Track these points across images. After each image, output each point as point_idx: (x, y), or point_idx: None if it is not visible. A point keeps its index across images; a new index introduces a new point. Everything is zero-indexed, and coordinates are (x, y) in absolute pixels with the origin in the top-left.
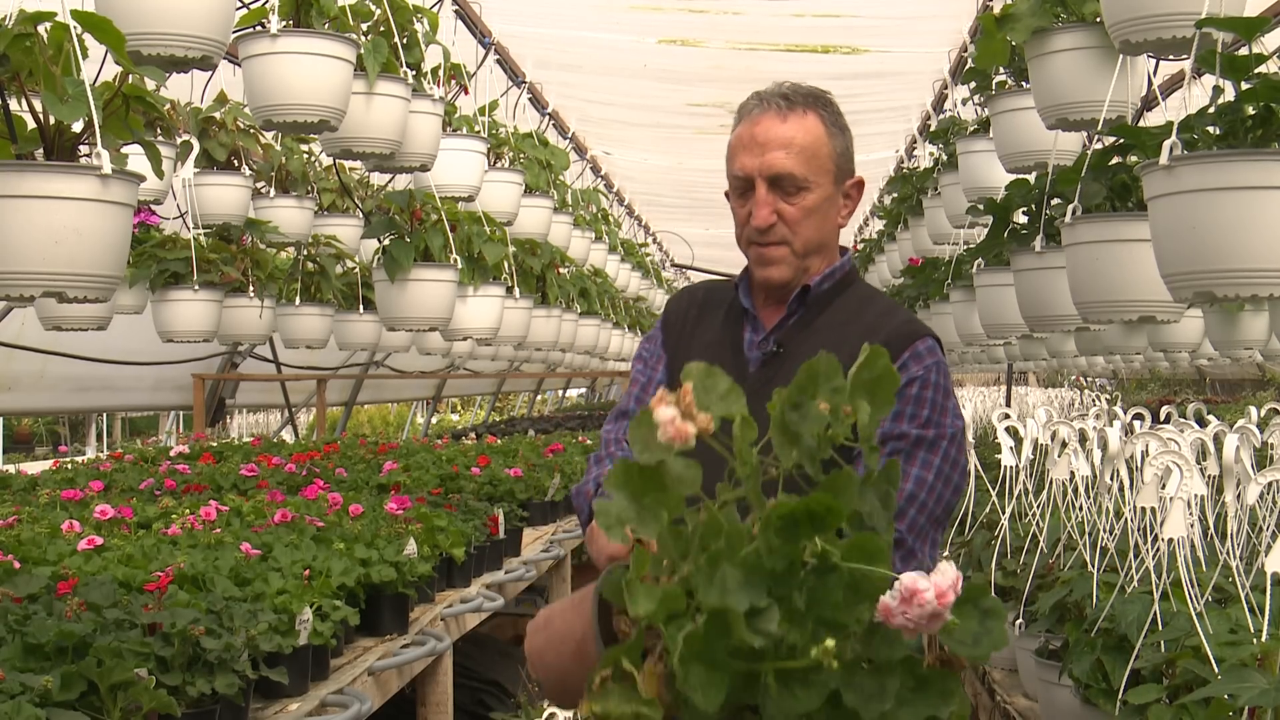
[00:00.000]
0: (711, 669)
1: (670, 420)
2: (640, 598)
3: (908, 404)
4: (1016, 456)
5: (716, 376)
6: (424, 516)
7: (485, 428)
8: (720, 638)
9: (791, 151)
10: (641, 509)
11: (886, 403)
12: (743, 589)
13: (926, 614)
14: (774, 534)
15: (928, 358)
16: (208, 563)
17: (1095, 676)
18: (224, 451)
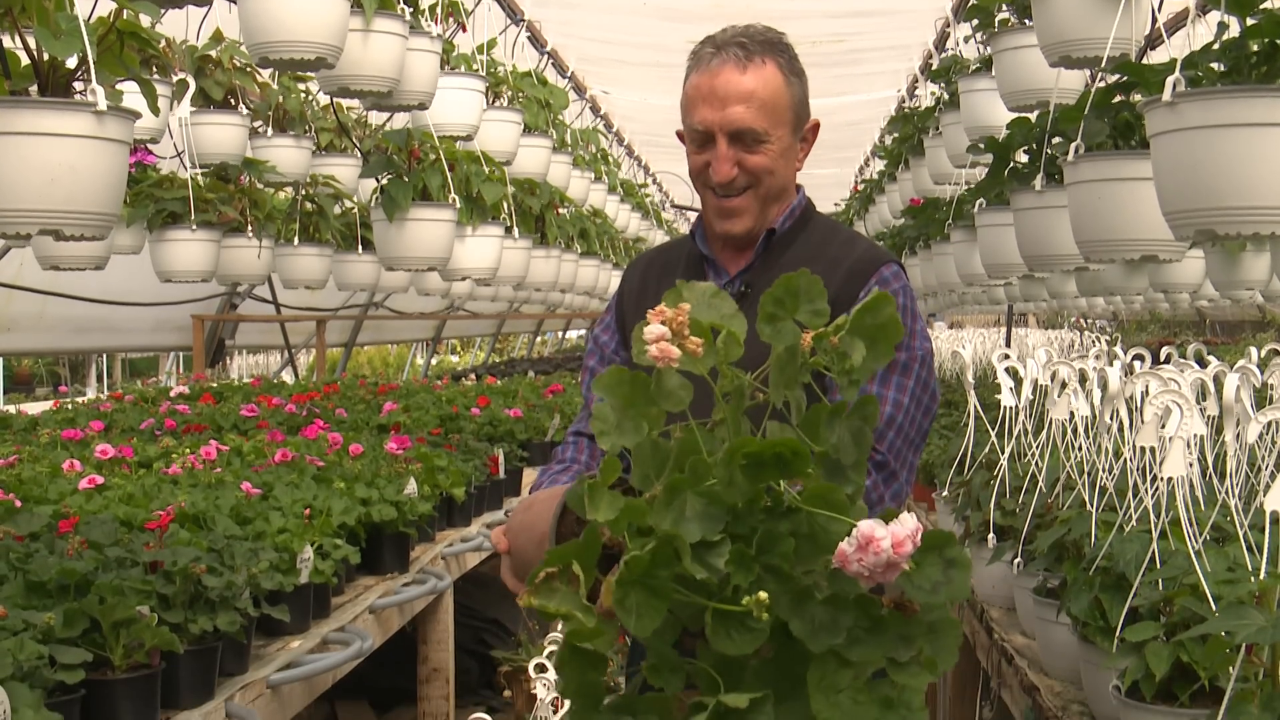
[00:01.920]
0: (651, 595)
1: (658, 338)
2: (602, 505)
3: None
4: (1016, 397)
5: (720, 297)
6: (424, 456)
7: (485, 369)
8: (666, 565)
9: (752, 105)
10: (624, 417)
11: (886, 353)
12: (699, 519)
13: (882, 562)
14: (738, 470)
15: (894, 283)
16: (208, 502)
17: (1093, 614)
18: (224, 392)
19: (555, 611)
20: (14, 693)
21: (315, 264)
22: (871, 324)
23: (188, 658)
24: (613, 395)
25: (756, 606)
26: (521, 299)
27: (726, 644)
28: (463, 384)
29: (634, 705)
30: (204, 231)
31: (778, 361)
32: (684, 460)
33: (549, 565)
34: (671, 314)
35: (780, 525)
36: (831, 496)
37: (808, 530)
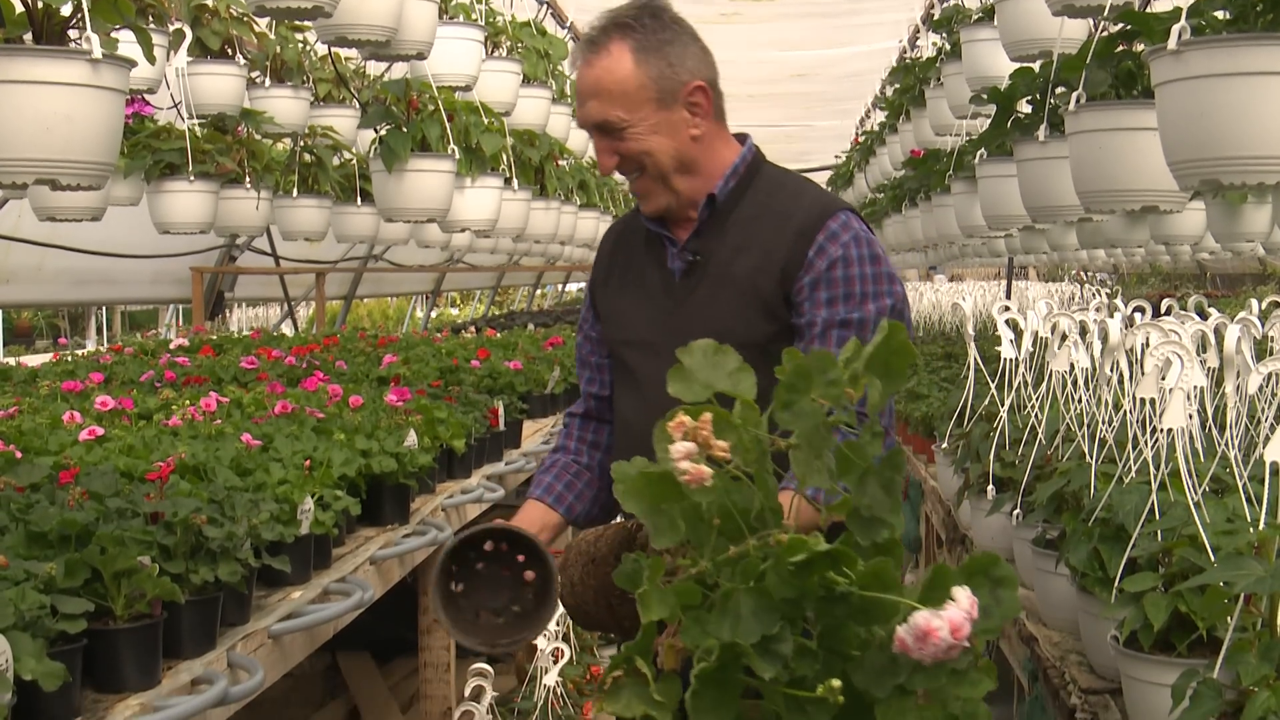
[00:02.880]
0: (721, 694)
1: (685, 456)
2: (653, 605)
3: (835, 287)
4: (1016, 349)
5: (724, 354)
6: (424, 408)
7: (485, 321)
8: (732, 665)
9: (602, 98)
10: (657, 519)
11: (900, 377)
12: (754, 618)
13: (942, 649)
14: (787, 573)
15: (843, 234)
16: (209, 453)
17: (1092, 565)
18: (223, 344)
19: (633, 714)
20: (16, 642)
21: (314, 216)
22: (885, 354)
23: (189, 608)
24: (640, 500)
25: (830, 693)
26: (521, 251)
27: (803, 718)
28: (462, 336)
29: None
30: (202, 183)
31: (805, 440)
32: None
33: (614, 669)
34: (693, 425)
35: (836, 610)
36: (884, 574)
37: (861, 605)
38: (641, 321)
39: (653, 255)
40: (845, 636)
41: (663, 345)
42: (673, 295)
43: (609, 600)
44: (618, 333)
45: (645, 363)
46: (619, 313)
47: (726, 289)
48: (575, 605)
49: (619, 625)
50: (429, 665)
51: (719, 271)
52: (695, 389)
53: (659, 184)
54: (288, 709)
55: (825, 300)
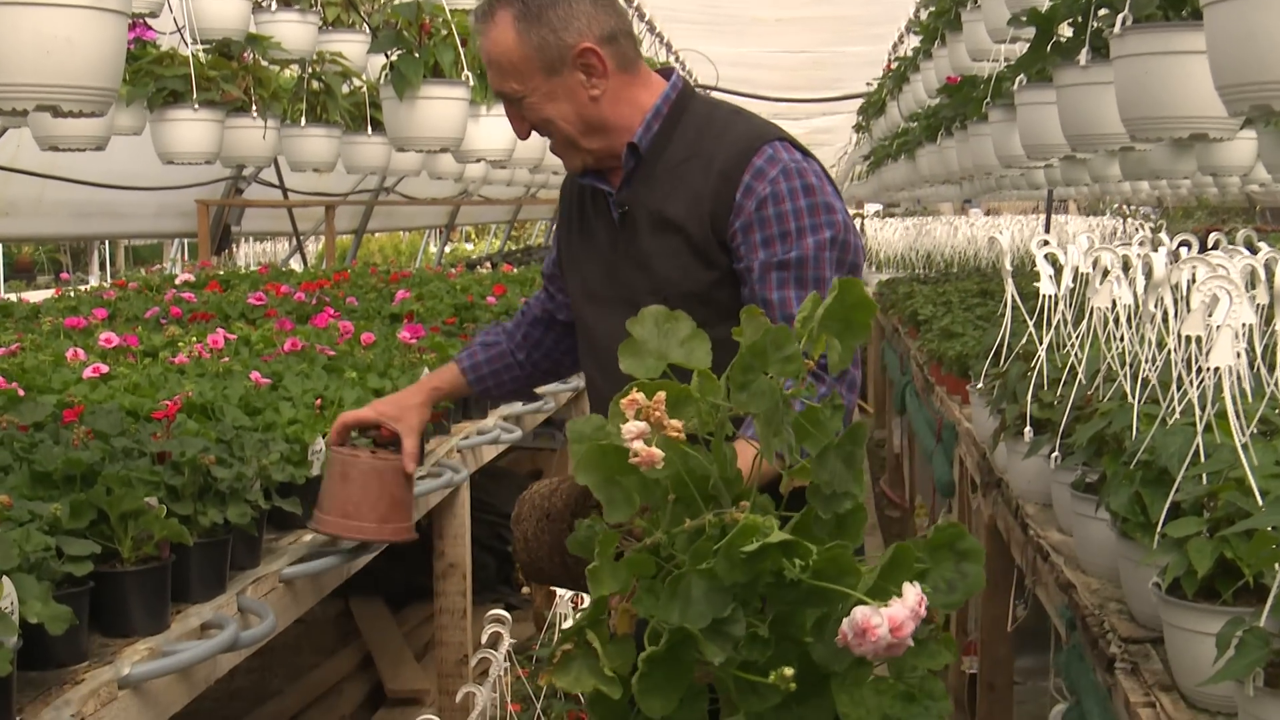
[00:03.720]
0: (671, 677)
1: (637, 436)
2: (605, 580)
3: (769, 227)
4: (1055, 285)
5: (675, 321)
6: (438, 346)
7: (501, 257)
8: (683, 649)
9: (494, 69)
10: (611, 493)
11: (862, 331)
12: (705, 601)
13: (882, 646)
14: (739, 560)
15: (770, 169)
16: (216, 392)
17: (1133, 510)
18: (230, 280)
19: (584, 687)
20: (21, 584)
21: (323, 145)
22: (842, 310)
23: (198, 550)
24: (594, 473)
25: (782, 681)
26: (538, 183)
27: (754, 701)
28: (478, 272)
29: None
30: (206, 111)
31: (764, 419)
32: (685, 505)
33: (563, 642)
34: (646, 404)
35: (788, 595)
36: (839, 561)
37: (814, 591)
38: (594, 275)
39: (599, 204)
40: (798, 622)
41: (612, 299)
42: (616, 248)
43: (563, 557)
44: (574, 286)
45: (599, 318)
46: (576, 264)
47: (662, 238)
48: (529, 561)
49: (574, 581)
50: (444, 611)
51: (652, 221)
52: (648, 363)
53: (569, 148)
54: (299, 655)
55: (760, 242)
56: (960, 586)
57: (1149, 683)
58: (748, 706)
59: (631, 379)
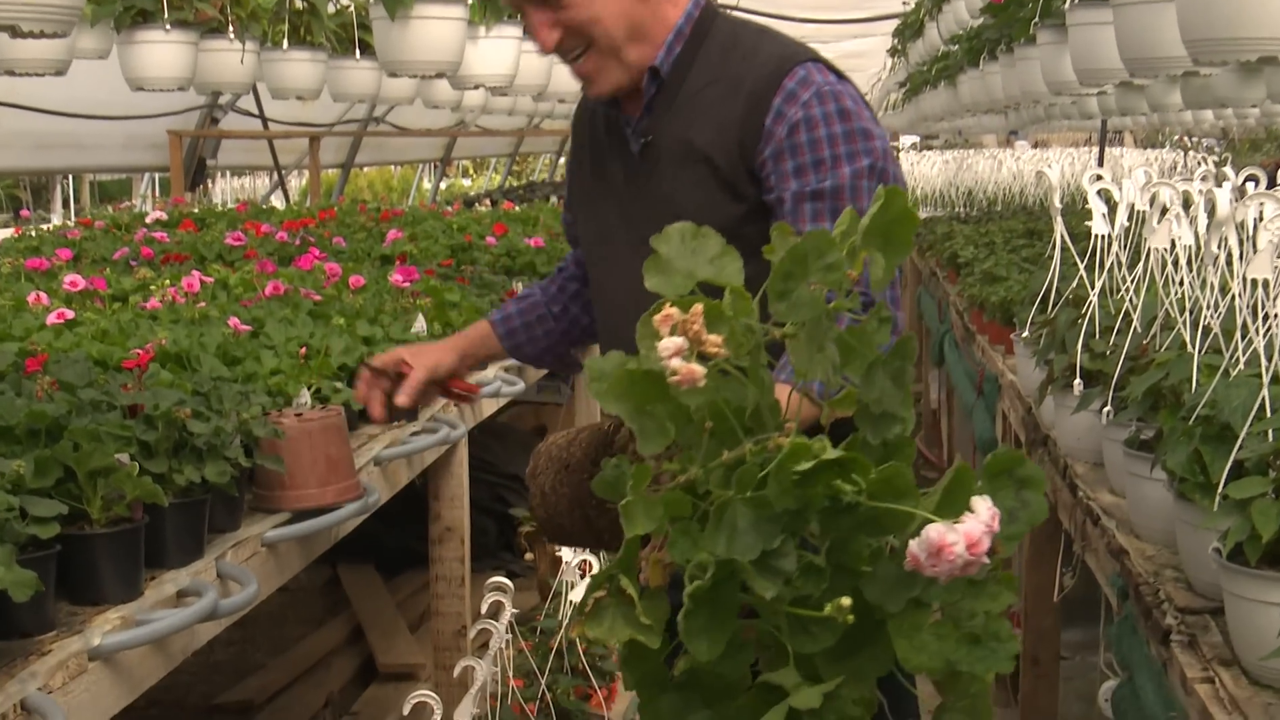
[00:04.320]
0: (717, 616)
1: (675, 353)
2: (638, 517)
3: (801, 155)
4: (1109, 224)
5: (705, 238)
6: (433, 290)
7: (501, 193)
8: (728, 584)
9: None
10: (644, 423)
11: (904, 247)
12: (754, 532)
13: (957, 566)
14: (790, 483)
15: (803, 91)
16: (192, 339)
17: (1192, 469)
18: (206, 218)
19: (615, 639)
20: None
21: (307, 71)
22: (884, 221)
23: (173, 512)
24: (623, 400)
25: (839, 612)
26: (543, 112)
27: (807, 642)
28: (476, 210)
29: (701, 684)
30: (179, 33)
31: (805, 333)
32: (721, 438)
33: (595, 589)
34: (683, 318)
35: (844, 521)
36: (897, 481)
37: (872, 515)
38: (608, 216)
39: (614, 138)
40: (854, 550)
41: (630, 240)
42: (634, 182)
43: (585, 511)
44: (587, 229)
45: (613, 264)
46: (588, 206)
47: (686, 170)
48: (547, 517)
49: (597, 538)
50: (441, 579)
51: (676, 151)
52: (675, 280)
53: (610, 59)
54: (284, 626)
55: (792, 171)
56: (1022, 516)
57: (1208, 657)
58: (800, 647)
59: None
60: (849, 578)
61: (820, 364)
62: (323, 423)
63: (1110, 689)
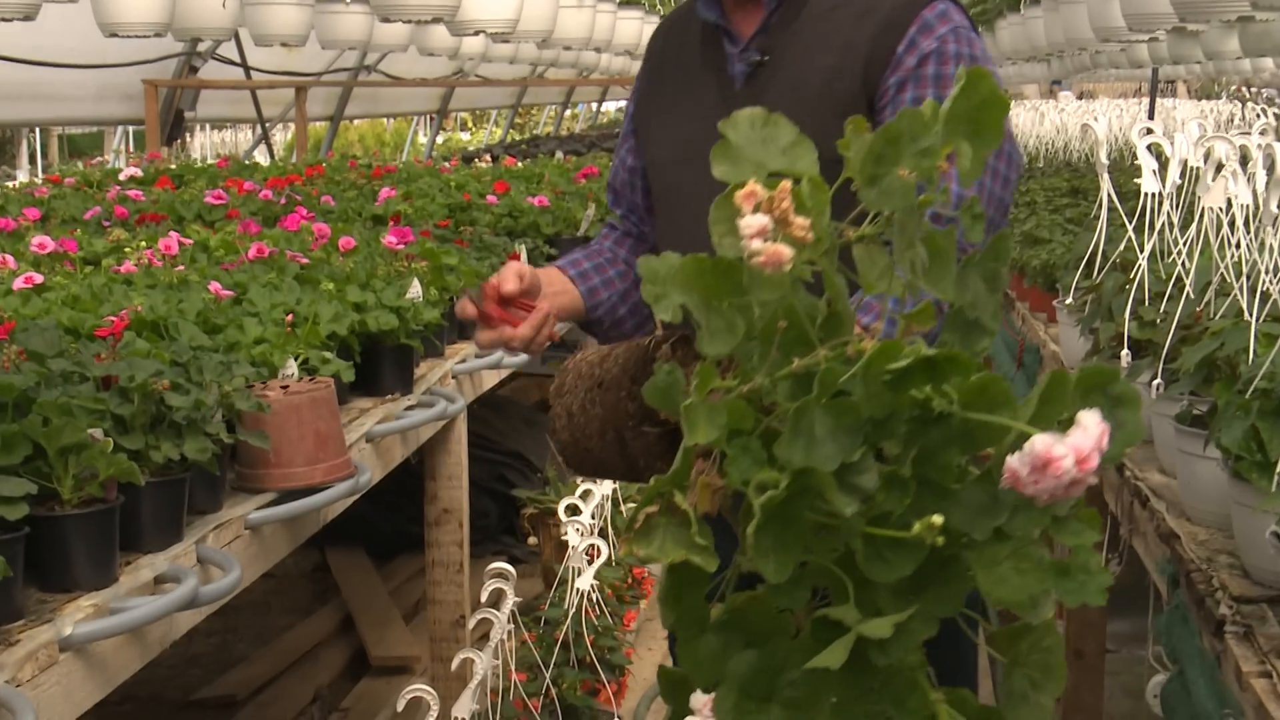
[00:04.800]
0: (787, 534)
1: (759, 232)
2: (701, 424)
3: (926, 87)
4: (1160, 181)
5: (776, 126)
6: (430, 253)
7: (503, 148)
8: (799, 503)
9: None
10: (711, 317)
11: (994, 135)
12: (833, 440)
13: (1063, 484)
14: (879, 385)
15: (940, 25)
16: (170, 306)
17: (1248, 447)
18: (184, 175)
19: (665, 559)
20: None
21: (293, 15)
22: (968, 106)
23: (151, 491)
24: (691, 292)
25: (929, 533)
26: (547, 60)
27: (881, 570)
28: (475, 166)
29: (746, 624)
30: None
31: (898, 226)
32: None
33: (646, 504)
34: (768, 195)
35: (933, 433)
36: (992, 390)
37: (964, 428)
38: (694, 139)
39: (710, 58)
40: (943, 466)
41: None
42: (733, 106)
43: (620, 433)
44: (663, 152)
45: (697, 190)
46: (666, 128)
47: (799, 96)
48: (572, 440)
49: (629, 465)
50: (437, 565)
51: (790, 74)
52: (744, 171)
53: None
54: (268, 615)
55: (911, 103)
56: (1117, 437)
57: (1264, 649)
58: (875, 574)
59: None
60: (933, 498)
61: (909, 259)
62: (311, 396)
63: (1159, 684)
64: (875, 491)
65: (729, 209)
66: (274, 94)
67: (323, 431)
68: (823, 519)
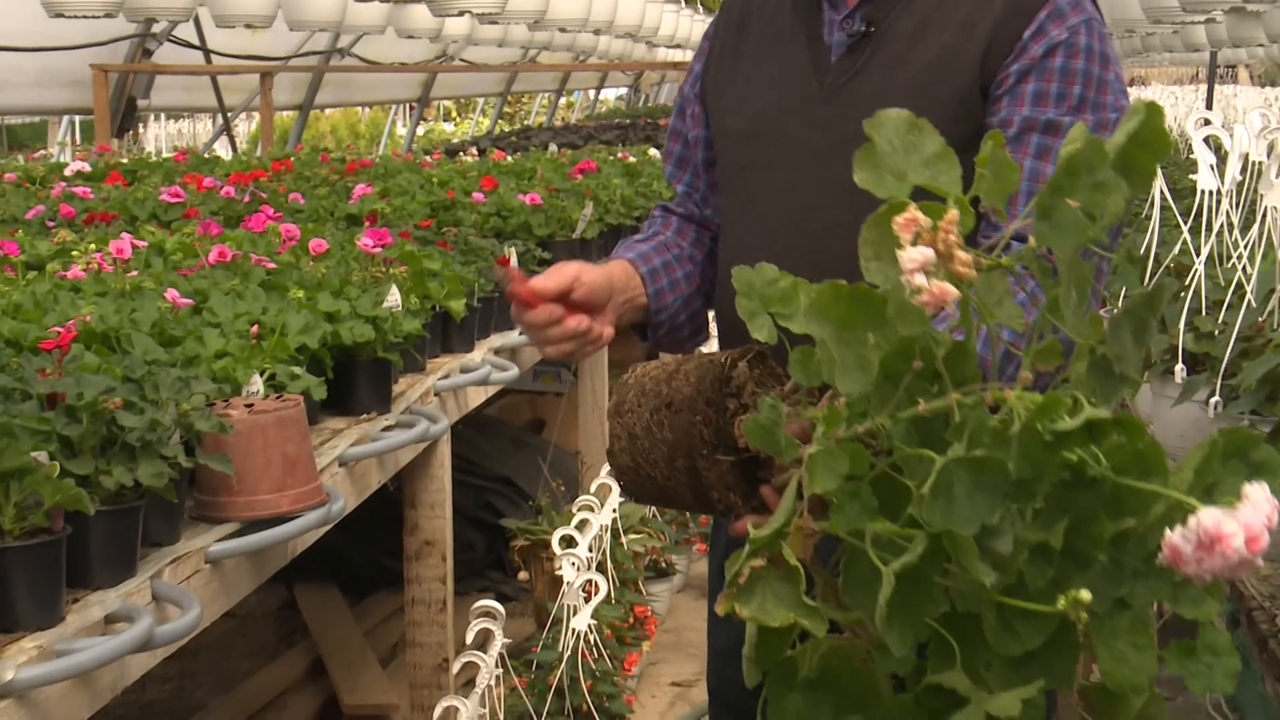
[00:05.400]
0: (913, 601)
1: (922, 266)
2: (821, 471)
3: (1050, 79)
4: (1219, 177)
5: (921, 132)
6: (410, 257)
7: (490, 140)
8: (930, 568)
9: None
10: (846, 350)
11: (1145, 180)
12: (970, 500)
13: (1231, 564)
14: (1036, 442)
15: (1073, 15)
16: (122, 315)
17: None
18: (137, 170)
19: (772, 622)
20: None
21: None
22: (1129, 144)
23: (101, 521)
24: (824, 323)
25: (1074, 609)
26: (540, 44)
27: (1010, 643)
28: (460, 161)
29: (837, 683)
30: None
31: (1066, 264)
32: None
33: (750, 557)
34: (929, 223)
35: (1081, 499)
36: (1149, 454)
37: (1114, 494)
38: (776, 109)
39: (802, 23)
40: (1093, 535)
41: (804, 144)
42: (826, 77)
43: (692, 460)
44: (737, 122)
45: (775, 166)
46: (743, 97)
47: (905, 74)
48: (633, 466)
49: (700, 497)
50: (418, 603)
51: (896, 50)
52: (887, 182)
53: None
54: (230, 658)
55: (1031, 95)
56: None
57: None
58: (1004, 647)
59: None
60: (1075, 569)
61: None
62: (278, 415)
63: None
64: (1009, 558)
65: (882, 232)
66: (237, 80)
67: (291, 455)
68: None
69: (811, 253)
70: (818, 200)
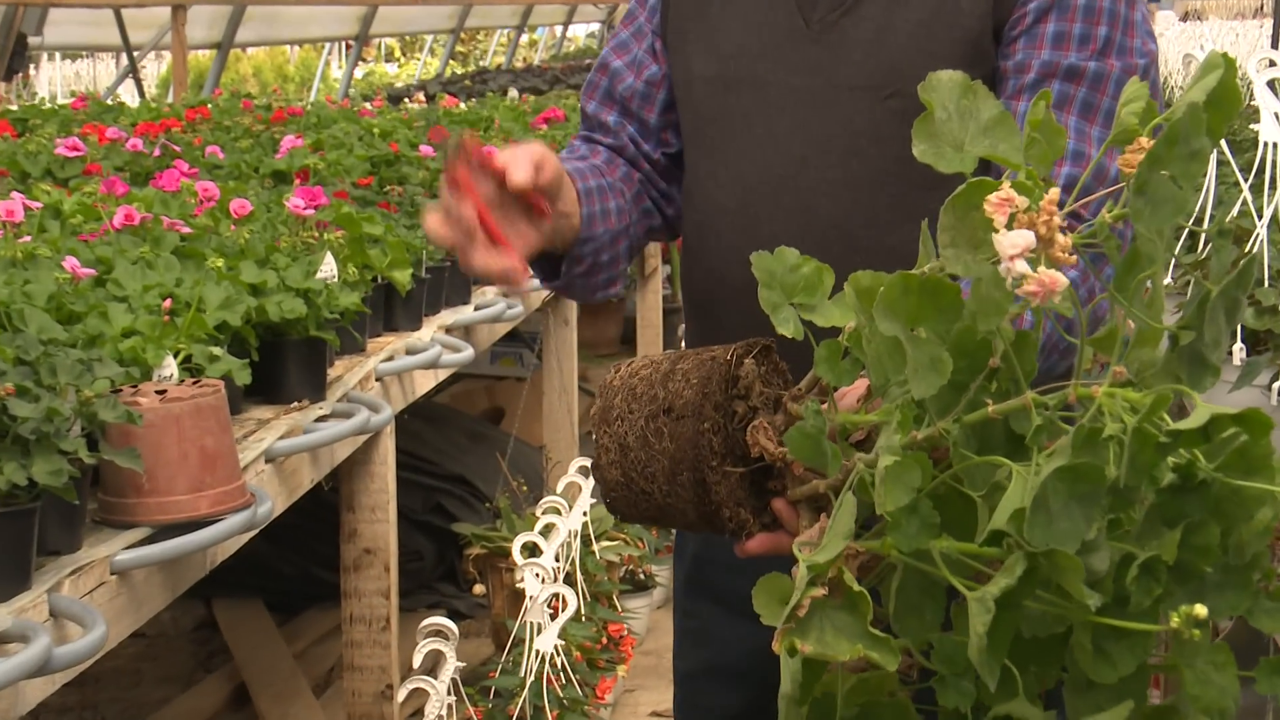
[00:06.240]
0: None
1: (1024, 251)
2: (896, 487)
3: (1069, 20)
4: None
5: (977, 97)
6: (347, 220)
7: (440, 85)
8: (1024, 589)
9: None
10: (918, 348)
11: (1218, 137)
12: (1066, 513)
13: None
14: (1148, 445)
15: None
16: (14, 288)
17: None
18: (29, 119)
19: (838, 656)
20: None
21: None
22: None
23: None
24: (893, 318)
25: (1186, 625)
26: None
27: (1105, 669)
28: (405, 108)
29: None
30: None
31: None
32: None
33: (810, 586)
34: (1037, 209)
35: (1188, 506)
36: (1253, 452)
37: (1220, 498)
38: (753, 52)
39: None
40: (1202, 547)
41: (788, 91)
42: (814, 13)
43: (700, 474)
44: (706, 66)
45: (753, 117)
46: (713, 36)
47: (907, 10)
48: (624, 482)
49: (706, 515)
50: (357, 621)
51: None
52: (944, 152)
53: None
54: (139, 685)
55: (1051, 36)
56: None
57: None
58: (1099, 674)
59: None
60: (1180, 584)
61: (1130, 287)
62: (195, 403)
63: None
64: (1105, 576)
65: (959, 215)
66: (144, 14)
67: (210, 449)
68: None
69: (797, 214)
70: (805, 154)
